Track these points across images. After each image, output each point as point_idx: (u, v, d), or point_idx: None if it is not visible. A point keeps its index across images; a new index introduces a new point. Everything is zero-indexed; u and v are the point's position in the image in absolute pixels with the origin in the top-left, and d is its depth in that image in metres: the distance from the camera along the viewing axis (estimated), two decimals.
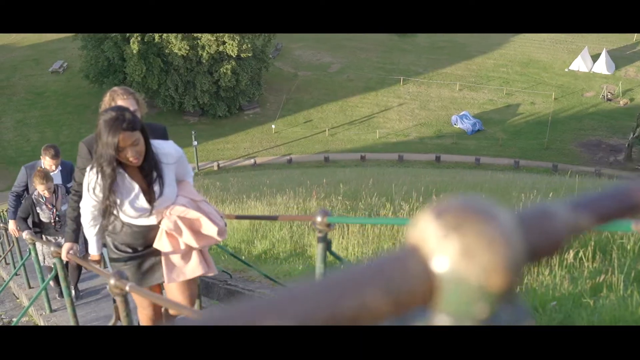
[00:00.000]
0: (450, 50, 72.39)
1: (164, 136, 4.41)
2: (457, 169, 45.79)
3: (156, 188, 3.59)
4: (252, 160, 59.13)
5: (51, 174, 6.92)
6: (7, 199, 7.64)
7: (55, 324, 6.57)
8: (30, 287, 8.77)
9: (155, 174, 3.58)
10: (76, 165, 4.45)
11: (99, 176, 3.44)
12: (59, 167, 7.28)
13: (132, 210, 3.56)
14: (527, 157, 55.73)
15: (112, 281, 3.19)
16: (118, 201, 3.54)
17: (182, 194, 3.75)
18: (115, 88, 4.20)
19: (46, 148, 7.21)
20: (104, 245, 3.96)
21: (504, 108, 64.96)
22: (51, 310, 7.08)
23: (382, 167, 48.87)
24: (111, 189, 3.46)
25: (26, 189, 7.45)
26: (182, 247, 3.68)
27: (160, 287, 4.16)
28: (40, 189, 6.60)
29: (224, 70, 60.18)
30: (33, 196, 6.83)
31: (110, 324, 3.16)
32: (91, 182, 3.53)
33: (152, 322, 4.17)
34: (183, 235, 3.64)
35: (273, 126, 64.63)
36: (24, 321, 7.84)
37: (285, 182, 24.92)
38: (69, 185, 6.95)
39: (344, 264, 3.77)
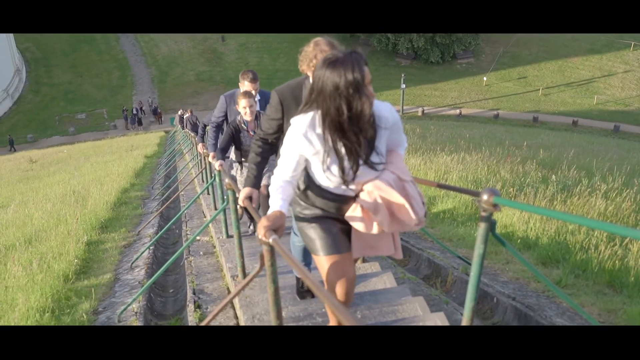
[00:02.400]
0: None
1: None
2: None
3: (363, 153, 3.01)
4: (457, 111, 58.00)
5: None
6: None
7: (227, 250, 6.81)
8: (215, 209, 9.20)
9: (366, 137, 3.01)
10: (265, 113, 4.06)
11: (349, 126, 2.88)
12: (257, 97, 7.06)
13: (331, 174, 3.05)
14: None
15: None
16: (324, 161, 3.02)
17: (389, 168, 3.18)
18: (318, 39, 3.79)
19: (244, 73, 7.06)
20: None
21: None
22: (228, 236, 7.35)
23: (594, 135, 46.01)
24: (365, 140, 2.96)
25: (225, 118, 7.38)
26: (375, 227, 3.21)
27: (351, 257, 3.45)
28: (242, 104, 6.47)
29: None
30: (236, 122, 6.73)
31: (254, 271, 3.07)
32: (310, 136, 2.99)
33: (340, 290, 3.36)
34: (379, 216, 3.15)
35: (485, 78, 62.85)
36: (205, 240, 8.26)
37: (485, 139, 24.18)
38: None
39: (507, 247, 3.45)
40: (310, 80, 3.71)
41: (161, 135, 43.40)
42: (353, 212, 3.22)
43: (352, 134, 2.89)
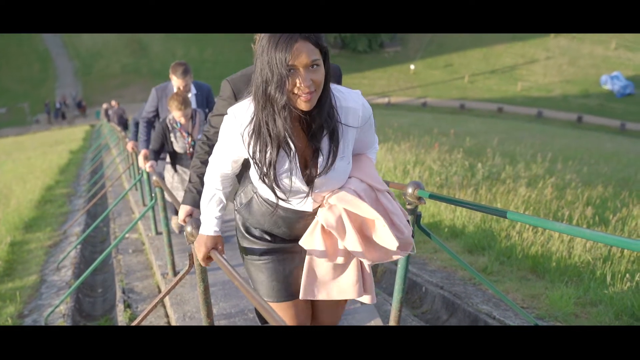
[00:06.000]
0: None
1: (338, 82, 3.09)
2: (598, 132, 43.45)
3: (322, 158, 2.22)
4: (386, 99, 58.55)
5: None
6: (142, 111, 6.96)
7: (157, 248, 6.73)
8: (144, 205, 9.08)
9: (326, 135, 2.20)
10: (214, 109, 3.19)
11: (263, 114, 2.11)
12: (194, 91, 6.41)
13: (281, 185, 2.25)
14: None
15: (188, 229, 2.93)
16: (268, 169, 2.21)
17: (357, 175, 2.39)
18: None
19: (174, 66, 6.24)
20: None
21: None
22: (157, 233, 7.26)
23: (519, 121, 47.25)
24: (285, 136, 2.11)
25: (157, 114, 6.68)
26: (341, 251, 2.38)
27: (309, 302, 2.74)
28: (176, 115, 5.66)
29: None
30: (167, 121, 6.00)
31: (184, 270, 3.01)
32: (241, 123, 2.23)
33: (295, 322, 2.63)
34: (346, 237, 2.31)
35: (412, 67, 63.66)
36: (134, 238, 8.13)
37: (413, 128, 24.52)
38: (208, 111, 6.30)
39: (432, 239, 3.52)
40: None
41: (86, 130, 42.31)
42: (311, 233, 2.38)
43: (266, 130, 2.15)
